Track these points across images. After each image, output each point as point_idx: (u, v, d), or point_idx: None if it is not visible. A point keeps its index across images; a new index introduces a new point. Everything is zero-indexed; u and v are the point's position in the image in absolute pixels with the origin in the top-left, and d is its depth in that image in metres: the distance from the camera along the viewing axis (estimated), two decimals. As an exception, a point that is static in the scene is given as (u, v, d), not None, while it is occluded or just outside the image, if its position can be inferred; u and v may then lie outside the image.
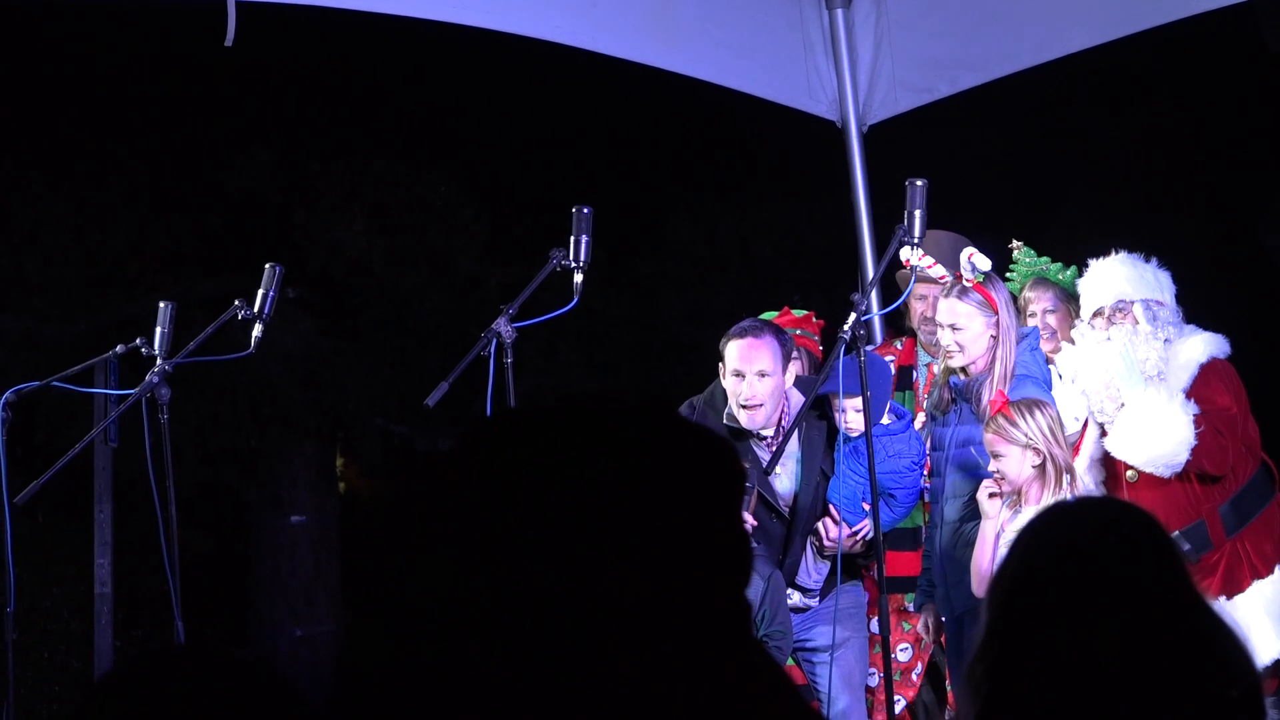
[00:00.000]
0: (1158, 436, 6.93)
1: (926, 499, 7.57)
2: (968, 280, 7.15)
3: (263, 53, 8.64)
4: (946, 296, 7.22)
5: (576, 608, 2.02)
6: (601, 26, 8.67)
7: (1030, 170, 15.64)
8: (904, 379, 7.88)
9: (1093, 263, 7.36)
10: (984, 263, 7.20)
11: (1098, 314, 7.24)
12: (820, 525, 7.23)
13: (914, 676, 7.78)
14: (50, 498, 7.75)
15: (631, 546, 2.05)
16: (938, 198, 6.98)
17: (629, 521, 2.05)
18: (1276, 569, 7.10)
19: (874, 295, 7.90)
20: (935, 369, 7.52)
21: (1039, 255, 7.89)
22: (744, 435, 7.23)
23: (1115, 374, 7.02)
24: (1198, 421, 6.96)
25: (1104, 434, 7.14)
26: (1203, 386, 7.08)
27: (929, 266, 7.15)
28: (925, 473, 7.38)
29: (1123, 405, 7.00)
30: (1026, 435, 6.80)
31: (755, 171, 15.62)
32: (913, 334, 8.12)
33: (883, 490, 7.06)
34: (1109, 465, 7.14)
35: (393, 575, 2.11)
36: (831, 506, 7.21)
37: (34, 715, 12.40)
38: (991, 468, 6.86)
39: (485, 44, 8.87)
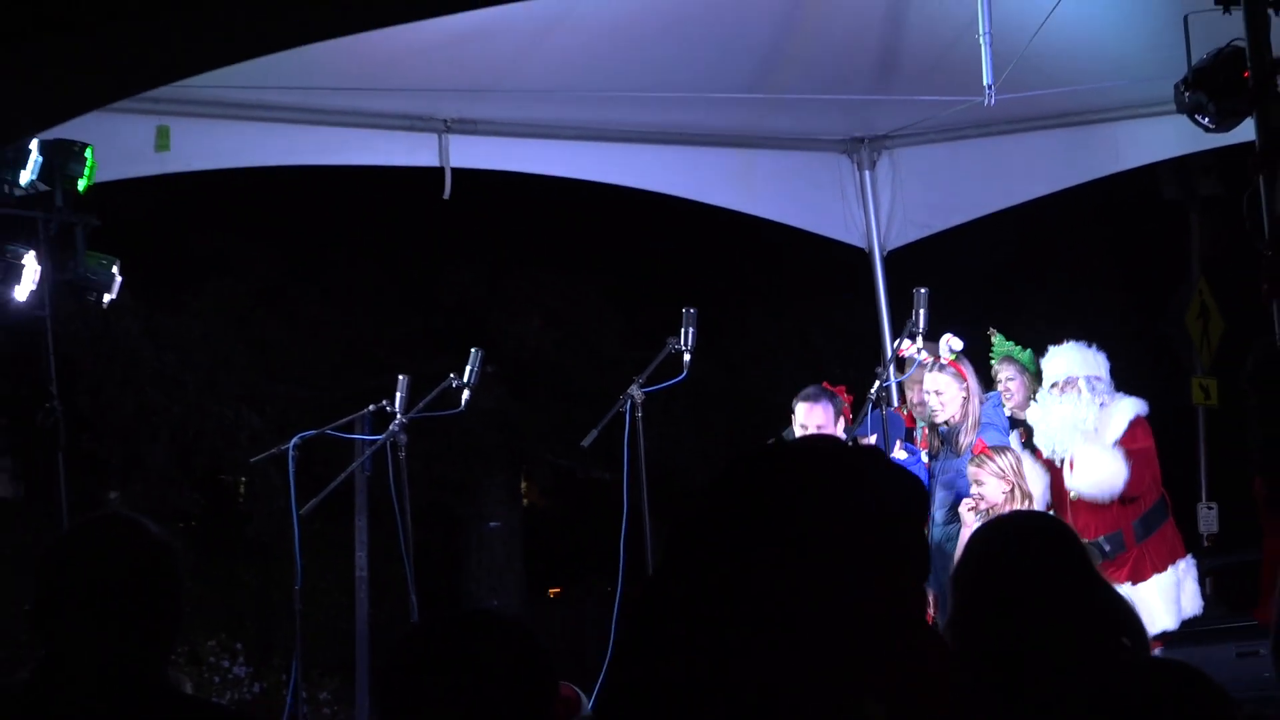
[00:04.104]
0: (1103, 475, 6.93)
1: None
2: (945, 359, 7.22)
3: (469, 200, 8.75)
4: (930, 371, 7.28)
5: (819, 594, 1.91)
6: (702, 183, 8.78)
7: (1002, 280, 15.65)
8: (908, 436, 7.90)
9: (1051, 348, 7.31)
10: (957, 344, 7.26)
11: (1054, 385, 7.23)
12: None
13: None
14: (325, 511, 7.84)
15: (865, 549, 1.95)
16: (937, 300, 7.06)
17: (864, 530, 1.96)
18: (1169, 568, 7.07)
19: (891, 369, 7.93)
20: (925, 428, 7.57)
21: (1007, 339, 7.90)
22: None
23: (1063, 433, 7.06)
24: (1128, 458, 6.98)
25: (1053, 469, 7.15)
26: (1130, 435, 7.07)
27: (916, 352, 7.24)
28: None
29: (1069, 455, 7.01)
30: (1000, 470, 6.82)
31: (809, 282, 15.67)
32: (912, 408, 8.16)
33: None
34: (1057, 491, 7.12)
35: (679, 570, 1.98)
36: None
37: (313, 661, 12.56)
38: (973, 492, 6.89)
39: (623, 194, 8.99)
